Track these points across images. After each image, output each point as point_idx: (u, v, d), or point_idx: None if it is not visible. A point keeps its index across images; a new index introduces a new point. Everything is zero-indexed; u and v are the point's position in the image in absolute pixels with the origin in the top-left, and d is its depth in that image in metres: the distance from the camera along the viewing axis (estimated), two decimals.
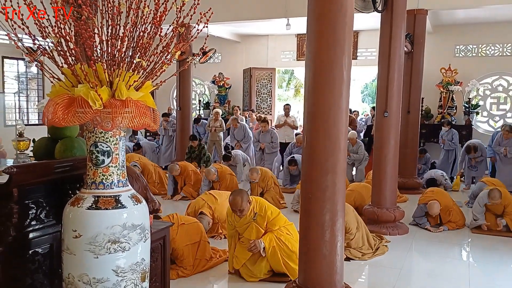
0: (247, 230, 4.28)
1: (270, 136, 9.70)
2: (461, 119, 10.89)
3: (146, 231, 2.26)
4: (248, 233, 4.27)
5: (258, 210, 4.26)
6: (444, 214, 6.27)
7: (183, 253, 4.34)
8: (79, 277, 2.11)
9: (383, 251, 5.20)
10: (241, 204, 4.12)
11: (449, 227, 6.21)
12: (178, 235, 4.35)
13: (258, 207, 4.28)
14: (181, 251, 4.34)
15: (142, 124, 2.15)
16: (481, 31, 10.77)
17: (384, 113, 5.96)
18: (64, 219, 2.18)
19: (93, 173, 2.17)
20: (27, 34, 2.05)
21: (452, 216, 6.28)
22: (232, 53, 13.58)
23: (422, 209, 6.33)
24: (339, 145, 3.23)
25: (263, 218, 4.25)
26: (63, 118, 1.99)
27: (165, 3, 2.15)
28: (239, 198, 4.13)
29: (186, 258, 4.36)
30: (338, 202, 3.27)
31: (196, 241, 4.49)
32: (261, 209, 4.28)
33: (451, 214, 6.28)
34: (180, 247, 4.33)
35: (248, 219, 4.25)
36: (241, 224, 4.30)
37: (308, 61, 3.27)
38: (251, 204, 4.24)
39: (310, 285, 3.33)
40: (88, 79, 2.01)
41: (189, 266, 4.39)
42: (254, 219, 4.24)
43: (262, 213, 4.25)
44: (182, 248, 4.34)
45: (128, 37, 2.12)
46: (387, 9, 5.99)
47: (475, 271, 4.82)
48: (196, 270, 4.43)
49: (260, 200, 4.41)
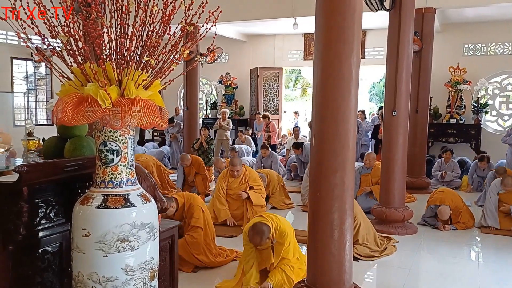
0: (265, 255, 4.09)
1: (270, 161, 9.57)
2: (469, 119, 10.81)
3: (155, 230, 2.27)
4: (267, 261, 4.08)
5: (278, 237, 4.03)
6: (454, 215, 6.23)
7: (199, 212, 4.51)
8: (88, 275, 2.11)
9: (391, 251, 5.17)
10: (259, 242, 3.94)
11: (457, 227, 6.17)
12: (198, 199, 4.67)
13: (278, 235, 4.03)
14: (198, 208, 4.53)
15: (151, 123, 2.15)
16: (490, 30, 10.69)
17: (392, 112, 5.93)
18: (74, 218, 2.18)
19: (102, 172, 2.18)
20: (37, 33, 2.05)
21: (462, 218, 6.24)
22: (239, 53, 13.59)
23: (433, 210, 6.29)
24: (347, 143, 3.21)
25: (281, 246, 4.02)
26: (73, 117, 1.99)
27: (174, 2, 2.15)
28: (258, 238, 3.90)
29: (200, 219, 4.50)
30: (347, 201, 3.25)
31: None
32: (281, 235, 4.03)
33: (461, 216, 6.24)
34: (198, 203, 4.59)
35: (268, 243, 4.04)
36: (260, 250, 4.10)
37: (317, 59, 3.26)
38: (269, 240, 4.00)
39: (318, 284, 3.32)
40: (98, 78, 2.01)
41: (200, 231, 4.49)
42: (272, 245, 4.05)
43: (281, 241, 4.02)
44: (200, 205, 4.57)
45: (137, 36, 2.13)
46: (395, 8, 5.96)
47: (484, 271, 4.78)
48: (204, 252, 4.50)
49: (281, 227, 4.06)
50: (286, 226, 4.11)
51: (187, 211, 4.61)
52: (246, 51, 13.57)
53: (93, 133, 2.28)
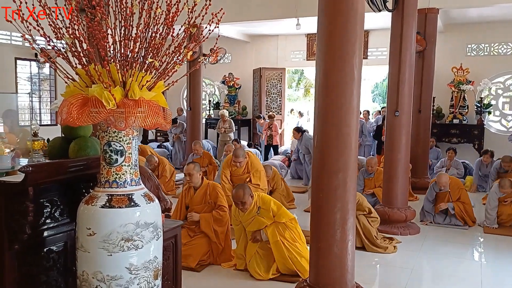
0: (251, 224, 4.40)
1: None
2: (473, 119, 10.79)
3: (159, 230, 2.29)
4: (251, 227, 4.40)
5: (261, 204, 4.39)
6: (453, 191, 6.34)
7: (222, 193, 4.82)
8: (93, 274, 2.14)
9: (391, 250, 5.22)
10: (242, 197, 4.27)
11: (455, 206, 6.29)
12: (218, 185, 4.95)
13: (261, 201, 4.41)
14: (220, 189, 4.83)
15: (154, 123, 2.17)
16: (493, 30, 10.67)
17: (395, 112, 5.94)
18: (79, 217, 2.21)
19: (107, 172, 2.20)
20: (42, 35, 2.08)
21: (461, 196, 6.37)
22: (242, 53, 13.60)
23: (433, 188, 6.41)
24: (350, 144, 3.23)
25: (267, 211, 4.35)
26: (78, 118, 2.02)
27: (177, 4, 2.18)
28: (241, 191, 4.29)
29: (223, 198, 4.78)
30: (349, 201, 3.27)
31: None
32: (264, 203, 4.41)
33: (460, 194, 6.37)
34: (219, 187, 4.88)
35: (252, 213, 4.36)
36: (246, 219, 4.41)
37: (319, 60, 3.27)
38: (253, 198, 4.37)
39: (321, 284, 3.34)
40: (102, 79, 2.04)
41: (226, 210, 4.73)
42: (258, 213, 4.36)
43: (266, 207, 4.37)
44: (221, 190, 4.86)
45: (140, 38, 2.15)
46: (398, 8, 5.97)
47: (487, 271, 4.78)
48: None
49: (263, 195, 4.54)
50: (269, 197, 4.56)
51: (211, 192, 4.78)
52: (249, 51, 13.59)
53: (97, 133, 2.31)
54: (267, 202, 4.41)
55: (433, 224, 6.35)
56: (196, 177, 4.72)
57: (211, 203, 4.76)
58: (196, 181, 4.74)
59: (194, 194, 4.80)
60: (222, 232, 4.71)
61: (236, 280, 4.36)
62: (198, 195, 4.78)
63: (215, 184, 4.89)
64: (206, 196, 4.78)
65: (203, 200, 4.78)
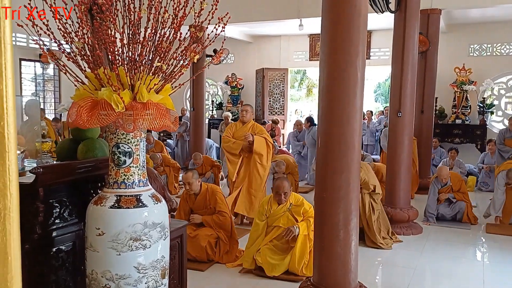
0: (280, 218, 4.50)
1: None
2: (475, 119, 10.81)
3: (166, 229, 2.34)
4: (278, 222, 4.51)
5: (294, 201, 4.53)
6: (454, 184, 6.46)
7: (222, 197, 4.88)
8: (102, 273, 2.19)
9: (389, 245, 5.37)
10: (288, 187, 4.46)
11: (456, 196, 6.45)
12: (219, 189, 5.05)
13: (294, 199, 4.54)
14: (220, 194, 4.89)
15: (162, 125, 2.22)
16: (495, 30, 10.68)
17: (397, 113, 5.97)
18: (88, 218, 2.26)
19: (115, 173, 2.25)
20: (52, 39, 2.13)
21: (462, 188, 6.50)
22: (245, 54, 13.64)
23: (435, 184, 6.51)
24: (353, 144, 3.27)
25: (299, 208, 4.49)
26: (88, 120, 2.07)
27: (184, 9, 2.22)
28: (286, 182, 4.50)
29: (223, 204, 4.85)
30: (352, 202, 3.31)
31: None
32: (297, 200, 4.55)
33: (461, 185, 6.51)
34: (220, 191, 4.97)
35: (284, 208, 4.51)
36: (275, 213, 4.52)
37: (323, 62, 3.31)
38: (288, 197, 4.52)
39: (324, 283, 3.38)
40: (111, 82, 2.09)
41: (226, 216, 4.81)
42: (289, 209, 4.49)
43: (299, 203, 4.51)
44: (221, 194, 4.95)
45: (147, 42, 2.19)
46: (401, 9, 6.00)
47: (489, 271, 4.81)
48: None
49: (295, 194, 4.68)
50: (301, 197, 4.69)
51: (210, 198, 4.84)
52: (252, 52, 13.63)
53: (104, 135, 2.36)
54: (300, 200, 4.57)
55: (435, 224, 6.38)
56: (195, 185, 4.78)
57: (212, 208, 4.84)
58: (195, 189, 4.80)
59: (195, 199, 4.87)
60: (225, 236, 4.79)
61: (240, 279, 4.40)
62: (199, 201, 4.86)
63: (213, 189, 4.93)
64: (207, 201, 4.86)
65: (204, 205, 4.87)
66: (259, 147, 6.09)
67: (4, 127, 0.75)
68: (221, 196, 4.92)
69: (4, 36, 0.73)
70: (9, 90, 0.77)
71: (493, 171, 8.45)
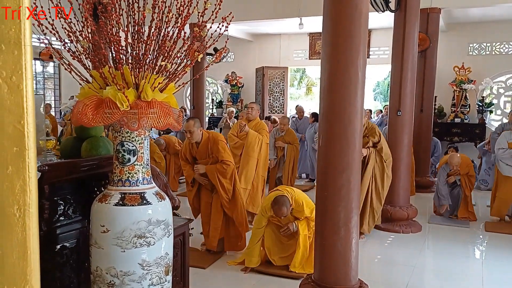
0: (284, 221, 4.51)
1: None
2: (474, 118, 10.85)
3: (170, 227, 2.36)
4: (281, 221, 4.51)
5: (295, 206, 4.43)
6: (463, 168, 6.53)
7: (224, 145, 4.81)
8: (107, 270, 2.22)
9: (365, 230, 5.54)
10: (286, 213, 4.32)
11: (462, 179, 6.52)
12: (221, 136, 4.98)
13: (294, 203, 4.42)
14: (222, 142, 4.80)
15: (166, 124, 2.24)
16: (494, 29, 10.71)
17: (397, 112, 6.00)
18: (92, 215, 2.28)
19: (120, 171, 2.27)
20: (58, 39, 2.15)
21: (470, 171, 6.58)
22: (245, 52, 13.67)
23: (445, 169, 6.57)
24: (354, 144, 3.29)
25: (300, 212, 4.44)
26: (93, 119, 2.09)
27: (188, 8, 2.24)
28: (285, 208, 4.28)
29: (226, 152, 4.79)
30: (353, 200, 3.33)
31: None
32: (298, 204, 4.43)
33: (469, 169, 6.58)
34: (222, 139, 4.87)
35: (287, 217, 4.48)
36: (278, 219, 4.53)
37: (324, 62, 3.34)
38: (291, 206, 4.37)
39: (325, 281, 3.41)
40: (116, 81, 2.11)
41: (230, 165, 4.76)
42: (290, 213, 4.45)
43: (299, 209, 4.44)
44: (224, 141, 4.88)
45: (152, 41, 2.22)
46: (401, 8, 6.03)
47: (489, 269, 4.84)
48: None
49: (296, 195, 4.47)
50: (301, 195, 4.53)
51: (212, 146, 4.77)
52: (252, 50, 13.65)
53: (108, 133, 2.38)
54: (300, 205, 4.42)
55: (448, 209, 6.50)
56: (196, 133, 4.72)
57: (214, 157, 4.79)
58: (197, 137, 4.74)
59: (198, 148, 4.84)
60: (229, 185, 4.76)
61: (241, 276, 4.43)
62: (201, 150, 4.80)
63: (215, 137, 4.82)
64: (208, 150, 4.80)
65: (206, 153, 4.82)
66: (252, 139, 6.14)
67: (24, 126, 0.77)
68: (224, 145, 4.83)
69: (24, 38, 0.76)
70: (29, 90, 0.79)
71: (492, 169, 8.47)
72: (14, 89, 0.74)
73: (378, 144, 5.41)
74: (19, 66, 0.74)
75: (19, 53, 0.74)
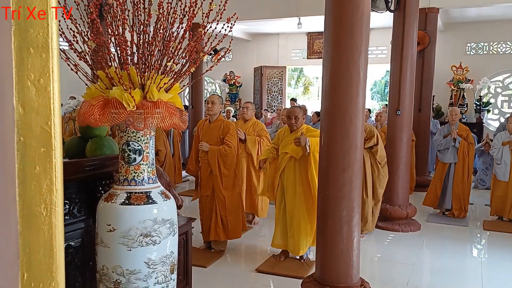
0: (288, 146, 4.60)
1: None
2: (472, 117, 10.91)
3: (175, 226, 2.38)
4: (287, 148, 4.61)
5: (306, 132, 4.62)
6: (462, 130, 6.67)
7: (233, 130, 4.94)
8: (113, 268, 2.23)
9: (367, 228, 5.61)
10: (298, 112, 4.65)
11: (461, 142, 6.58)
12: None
13: (306, 130, 4.66)
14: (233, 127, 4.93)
15: (171, 124, 2.26)
16: (492, 29, 10.78)
17: (396, 111, 6.03)
18: (98, 214, 2.30)
19: (125, 171, 2.29)
20: (64, 39, 2.16)
21: (469, 138, 6.69)
22: (243, 52, 13.69)
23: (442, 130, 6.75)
24: (355, 143, 3.32)
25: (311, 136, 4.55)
26: (100, 119, 2.11)
27: (193, 9, 2.26)
28: (298, 108, 4.80)
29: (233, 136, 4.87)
30: (355, 199, 3.36)
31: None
32: (309, 131, 4.65)
33: (468, 135, 6.70)
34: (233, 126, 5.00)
35: (297, 135, 4.59)
36: (287, 140, 4.64)
37: (326, 62, 3.37)
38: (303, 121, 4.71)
39: (327, 279, 3.43)
40: (122, 81, 2.13)
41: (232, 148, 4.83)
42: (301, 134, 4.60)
43: (309, 135, 4.57)
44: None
45: (159, 42, 2.23)
46: (400, 8, 6.06)
47: (488, 268, 4.88)
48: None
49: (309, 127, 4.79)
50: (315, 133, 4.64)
51: (224, 128, 4.90)
52: (250, 49, 13.68)
53: (115, 133, 2.40)
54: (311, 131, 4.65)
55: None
56: (217, 107, 4.86)
57: (221, 139, 4.87)
58: (216, 110, 4.87)
59: (209, 126, 4.94)
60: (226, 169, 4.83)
61: (243, 275, 4.46)
62: (212, 128, 4.91)
63: (229, 123, 5.00)
64: (219, 130, 4.89)
65: (216, 134, 4.91)
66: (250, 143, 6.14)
67: (51, 127, 0.79)
68: (234, 131, 4.96)
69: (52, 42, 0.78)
70: (56, 92, 0.81)
71: (490, 169, 8.52)
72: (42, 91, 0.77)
73: (375, 147, 5.47)
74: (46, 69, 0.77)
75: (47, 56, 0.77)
